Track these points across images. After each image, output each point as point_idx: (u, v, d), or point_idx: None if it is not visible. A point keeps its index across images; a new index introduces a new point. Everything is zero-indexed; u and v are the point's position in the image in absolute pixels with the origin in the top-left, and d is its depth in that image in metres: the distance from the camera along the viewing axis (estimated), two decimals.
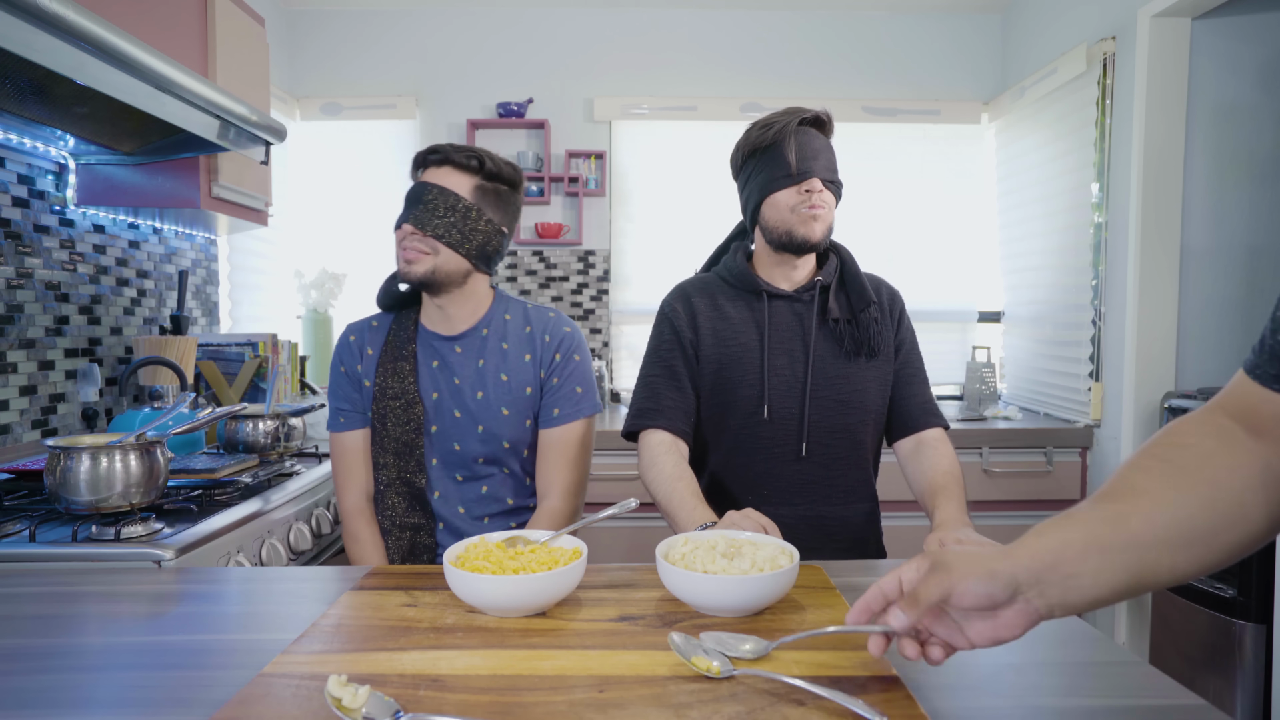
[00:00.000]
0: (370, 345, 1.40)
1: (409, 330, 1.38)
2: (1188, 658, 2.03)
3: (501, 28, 3.21)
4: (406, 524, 1.35)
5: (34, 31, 1.10)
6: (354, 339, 1.41)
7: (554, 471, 1.37)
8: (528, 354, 1.38)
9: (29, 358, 1.78)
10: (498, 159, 1.34)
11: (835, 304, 1.32)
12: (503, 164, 1.34)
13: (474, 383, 1.36)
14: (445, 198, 1.28)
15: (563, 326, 1.41)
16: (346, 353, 1.41)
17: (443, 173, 1.31)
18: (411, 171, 1.36)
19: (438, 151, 1.31)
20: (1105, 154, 2.50)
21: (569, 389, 1.38)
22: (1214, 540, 0.64)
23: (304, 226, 3.24)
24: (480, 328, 1.38)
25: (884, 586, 0.67)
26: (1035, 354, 2.96)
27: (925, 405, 1.35)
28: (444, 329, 1.38)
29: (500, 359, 1.37)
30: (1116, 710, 0.69)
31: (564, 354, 1.39)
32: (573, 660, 0.75)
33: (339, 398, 1.41)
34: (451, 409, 1.35)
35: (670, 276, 3.13)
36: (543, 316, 1.41)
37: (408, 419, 1.34)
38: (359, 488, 1.39)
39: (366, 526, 1.38)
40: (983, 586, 0.61)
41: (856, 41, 3.25)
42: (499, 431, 1.35)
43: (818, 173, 1.24)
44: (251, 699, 0.67)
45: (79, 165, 1.89)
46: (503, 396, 1.35)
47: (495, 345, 1.38)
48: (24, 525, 1.27)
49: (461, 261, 1.31)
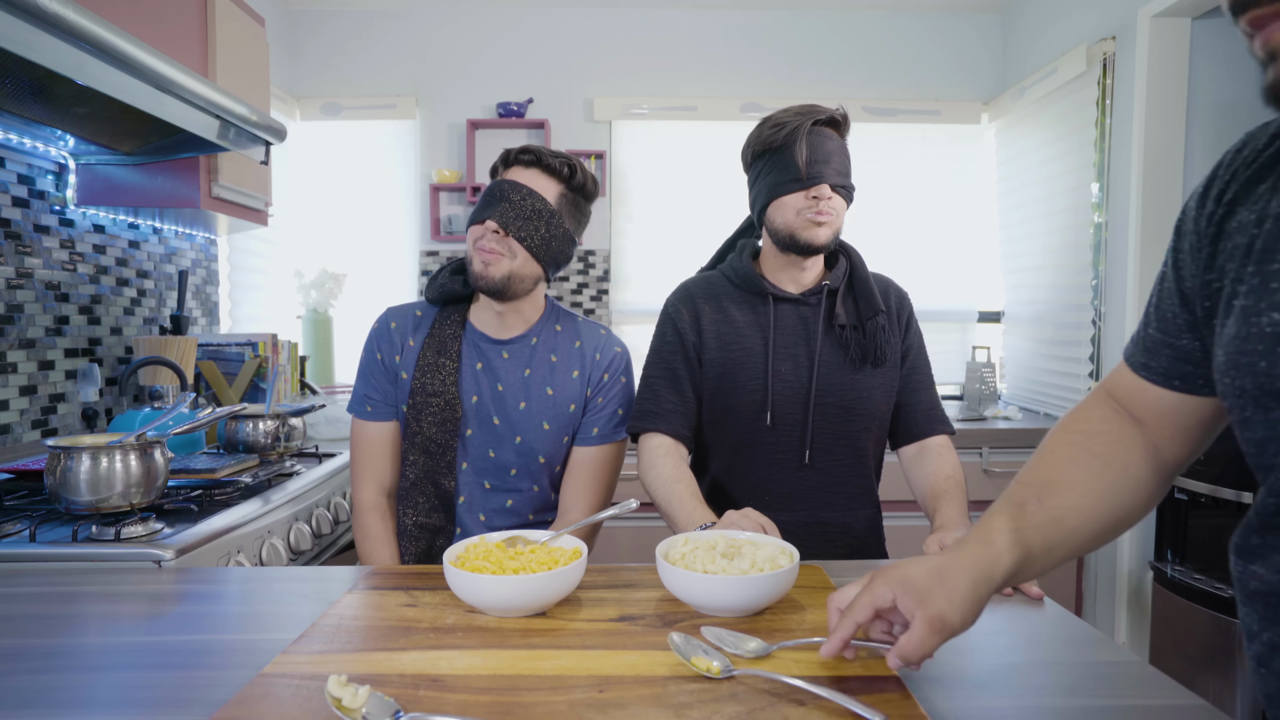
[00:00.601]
0: (413, 337, 1.34)
1: (455, 327, 1.33)
2: (1188, 658, 2.03)
3: (502, 28, 3.21)
4: (427, 525, 1.31)
5: (34, 31, 1.10)
6: (395, 325, 1.35)
7: (581, 489, 1.35)
8: (576, 370, 1.35)
9: (29, 358, 1.78)
10: (585, 169, 1.31)
11: (843, 309, 1.29)
12: (589, 175, 1.32)
13: (518, 392, 1.32)
14: (533, 200, 1.24)
15: (614, 346, 1.38)
16: (385, 340, 1.35)
17: (531, 174, 1.27)
18: (494, 168, 1.32)
19: (530, 152, 1.27)
20: (1105, 154, 2.50)
21: (611, 410, 1.36)
22: (1126, 521, 0.73)
23: (304, 226, 3.24)
24: (530, 336, 1.34)
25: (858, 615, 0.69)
26: (1035, 354, 2.96)
27: (930, 412, 1.33)
28: (495, 332, 1.34)
29: (548, 371, 1.34)
30: (1116, 710, 0.69)
31: (612, 374, 1.36)
32: (573, 660, 0.75)
33: (370, 385, 1.35)
34: (490, 415, 1.31)
35: (670, 276, 3.13)
36: (594, 333, 1.38)
37: (444, 419, 1.29)
38: (377, 481, 1.35)
39: (380, 522, 1.33)
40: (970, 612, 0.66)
41: (856, 41, 3.25)
42: (536, 445, 1.32)
43: (828, 178, 1.21)
44: (251, 699, 0.67)
45: (79, 165, 1.89)
46: (545, 410, 1.32)
47: (544, 356, 1.34)
48: (24, 525, 1.27)
49: (536, 268, 1.27)
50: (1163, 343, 0.69)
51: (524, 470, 1.33)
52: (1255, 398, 0.54)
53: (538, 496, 1.36)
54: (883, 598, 0.68)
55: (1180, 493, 2.08)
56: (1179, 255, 0.66)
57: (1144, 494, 0.73)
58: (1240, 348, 0.55)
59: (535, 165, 1.27)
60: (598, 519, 1.11)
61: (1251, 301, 0.54)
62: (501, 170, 1.30)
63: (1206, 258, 0.61)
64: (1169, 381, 0.69)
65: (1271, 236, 0.54)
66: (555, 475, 1.37)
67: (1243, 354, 0.55)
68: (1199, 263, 0.62)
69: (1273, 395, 0.53)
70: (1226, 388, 0.57)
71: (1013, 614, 0.92)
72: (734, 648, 0.76)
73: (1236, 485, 1.89)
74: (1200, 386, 0.67)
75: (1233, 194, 0.60)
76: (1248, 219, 0.57)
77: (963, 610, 0.65)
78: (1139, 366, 0.71)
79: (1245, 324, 0.55)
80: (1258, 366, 0.53)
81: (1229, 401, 0.57)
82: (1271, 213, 0.55)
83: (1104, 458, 0.73)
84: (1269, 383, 0.53)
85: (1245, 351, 0.54)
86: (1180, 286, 0.66)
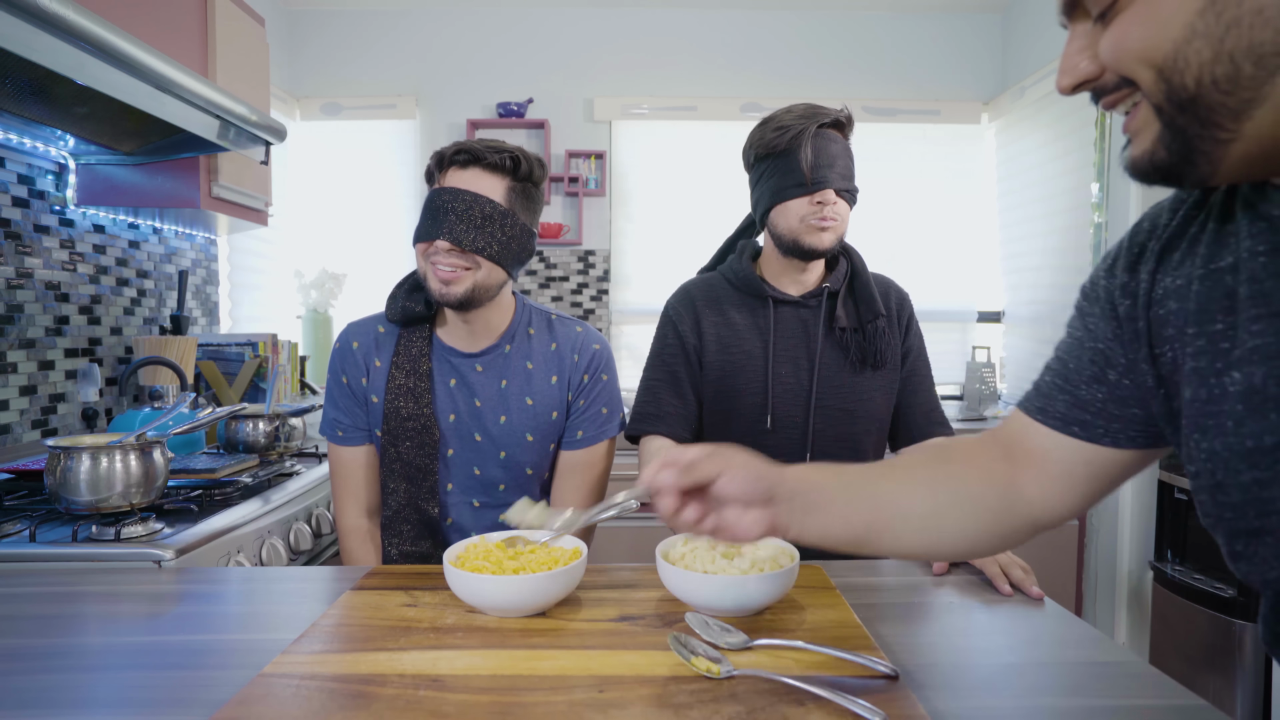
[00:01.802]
0: (378, 356, 1.26)
1: (422, 344, 1.24)
2: (1188, 658, 2.03)
3: (502, 28, 3.21)
4: (414, 554, 1.25)
5: (34, 31, 1.10)
6: (358, 345, 1.27)
7: (572, 493, 1.30)
8: (554, 375, 1.28)
9: (29, 358, 1.78)
10: (529, 156, 1.19)
11: (843, 312, 1.28)
12: (534, 161, 1.20)
13: (496, 406, 1.25)
14: (480, 205, 1.13)
15: (591, 344, 1.30)
16: (349, 361, 1.27)
17: (472, 175, 1.15)
18: (429, 173, 1.20)
19: (465, 151, 1.15)
20: (1105, 154, 2.50)
21: (595, 410, 1.30)
22: (938, 525, 0.74)
23: (304, 226, 3.24)
24: (503, 344, 1.27)
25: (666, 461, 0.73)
26: (1035, 354, 2.97)
27: (930, 414, 1.33)
28: (464, 345, 1.26)
29: (524, 380, 1.27)
30: (1116, 710, 0.69)
31: (592, 374, 1.29)
32: (573, 660, 0.75)
33: (339, 409, 1.28)
34: (471, 432, 1.25)
35: (670, 276, 3.13)
36: (569, 332, 1.30)
37: (422, 442, 1.22)
38: (358, 505, 1.30)
39: (361, 545, 1.28)
40: (748, 482, 0.71)
41: (856, 42, 3.25)
42: (522, 458, 1.27)
43: (832, 182, 1.19)
44: (251, 699, 0.67)
45: (79, 165, 1.89)
46: (527, 422, 1.26)
47: (519, 365, 1.27)
48: (24, 525, 1.27)
49: (501, 273, 1.19)
50: (1062, 389, 0.70)
51: (512, 484, 1.28)
52: (1225, 460, 0.53)
53: None
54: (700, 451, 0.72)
55: (1180, 493, 2.08)
56: (1087, 319, 0.68)
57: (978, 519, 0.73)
58: (1204, 410, 0.55)
59: (475, 164, 1.16)
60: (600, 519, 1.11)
61: (1205, 363, 0.55)
62: (438, 176, 1.18)
63: (1143, 329, 0.62)
64: (1067, 427, 0.69)
65: (1202, 298, 0.56)
66: (546, 482, 1.34)
67: (1208, 415, 0.55)
68: (1138, 331, 0.63)
69: (1241, 456, 0.52)
70: (1192, 450, 0.56)
71: (1013, 614, 0.92)
72: (717, 638, 0.77)
73: None
74: (1099, 435, 0.67)
75: (1151, 265, 0.61)
76: (1174, 285, 0.59)
77: (745, 462, 0.72)
78: (1034, 411, 0.72)
79: (1204, 385, 0.55)
80: (1224, 426, 0.53)
81: (1195, 466, 0.56)
82: (1195, 276, 0.57)
83: (945, 460, 0.77)
84: (1237, 443, 0.52)
85: (1210, 413, 0.55)
86: (1095, 346, 0.67)
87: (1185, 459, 0.58)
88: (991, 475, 0.74)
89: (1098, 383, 0.67)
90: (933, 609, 0.93)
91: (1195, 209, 0.60)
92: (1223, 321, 0.54)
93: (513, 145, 1.19)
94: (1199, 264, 0.57)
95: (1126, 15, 0.49)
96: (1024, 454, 0.73)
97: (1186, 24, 0.46)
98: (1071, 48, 0.54)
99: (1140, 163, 0.53)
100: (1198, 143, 0.49)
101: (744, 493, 0.71)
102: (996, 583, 0.98)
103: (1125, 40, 0.49)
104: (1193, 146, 0.49)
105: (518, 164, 1.17)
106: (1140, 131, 0.52)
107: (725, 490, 0.71)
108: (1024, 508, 0.73)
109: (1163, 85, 0.48)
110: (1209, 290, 0.55)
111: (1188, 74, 0.46)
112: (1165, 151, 0.50)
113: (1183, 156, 0.50)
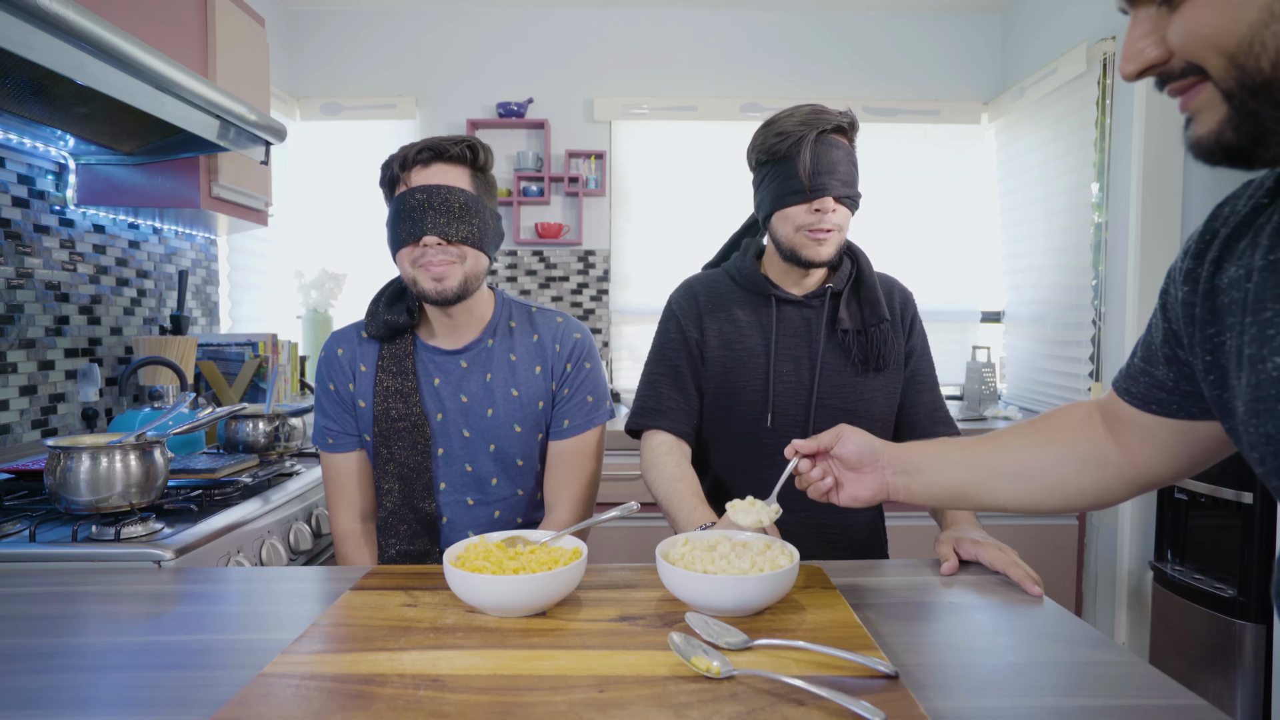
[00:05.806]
0: (363, 361, 1.29)
1: (405, 345, 1.27)
2: (1188, 658, 2.03)
3: (501, 27, 3.21)
4: (411, 553, 1.26)
5: (34, 31, 1.10)
6: (342, 352, 1.30)
7: (563, 484, 1.31)
8: (538, 365, 1.30)
9: (29, 358, 1.78)
10: (482, 143, 1.24)
11: (846, 313, 1.28)
12: (483, 147, 1.24)
13: (483, 399, 1.27)
14: (455, 196, 1.17)
15: (572, 333, 1.33)
16: (335, 369, 1.30)
17: (438, 171, 1.19)
18: (391, 177, 1.21)
19: (428, 148, 1.18)
20: (1105, 154, 2.50)
21: (580, 399, 1.32)
22: (1030, 478, 0.85)
23: (304, 226, 3.24)
24: (485, 338, 1.30)
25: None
26: (1035, 354, 2.97)
27: (934, 414, 1.33)
28: (447, 342, 1.29)
29: (509, 372, 1.29)
30: (1116, 710, 0.69)
31: (575, 363, 1.32)
32: (573, 660, 0.75)
33: (328, 417, 1.31)
34: (460, 428, 1.27)
35: (670, 276, 3.13)
36: (550, 323, 1.33)
37: (414, 442, 1.25)
38: (352, 510, 1.32)
39: (357, 549, 1.30)
40: (860, 445, 0.92)
41: (856, 41, 3.25)
42: (512, 450, 1.29)
43: (832, 190, 1.18)
44: (251, 699, 0.67)
45: (79, 165, 1.89)
46: (514, 413, 1.28)
47: (502, 357, 1.30)
48: (24, 525, 1.27)
49: (485, 260, 1.22)
50: (1143, 370, 0.76)
51: (505, 478, 1.30)
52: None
53: (523, 500, 1.33)
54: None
55: (1180, 493, 2.08)
56: (1167, 298, 0.72)
57: (1073, 478, 0.83)
58: (1255, 394, 0.57)
59: (438, 160, 1.19)
60: (600, 520, 1.11)
61: (1255, 349, 0.57)
62: (402, 180, 1.20)
63: (1207, 313, 0.64)
64: (1146, 405, 0.76)
65: (1259, 288, 0.57)
66: (538, 474, 1.34)
67: (1259, 400, 0.57)
68: (1195, 316, 0.66)
69: None
70: (1252, 436, 0.58)
71: (1013, 614, 0.92)
72: (717, 638, 0.76)
73: (1236, 485, 1.89)
74: (1175, 410, 0.73)
75: (1216, 253, 0.63)
76: (1237, 275, 0.61)
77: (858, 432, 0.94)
78: (1121, 391, 0.79)
79: (1255, 372, 0.57)
80: (1275, 410, 0.56)
81: (1258, 453, 0.59)
82: (1256, 266, 0.58)
83: (1039, 428, 0.87)
84: None
85: (1261, 398, 0.57)
86: (1168, 325, 0.71)
87: (1248, 446, 0.60)
88: (1093, 436, 0.82)
89: (1170, 363, 0.71)
90: (933, 609, 0.93)
91: (1268, 197, 0.60)
92: (1272, 309, 0.56)
93: (462, 135, 1.23)
94: (1261, 254, 0.58)
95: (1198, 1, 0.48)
96: (1118, 423, 0.80)
97: (1265, 6, 0.45)
98: (1135, 33, 0.53)
99: (1206, 142, 0.52)
100: (1272, 124, 0.48)
101: (855, 454, 0.91)
102: (1025, 585, 0.98)
103: (1197, 26, 0.48)
104: (1266, 129, 0.49)
105: (475, 152, 1.22)
106: (1202, 111, 0.51)
107: (841, 452, 0.91)
108: (1126, 468, 0.80)
109: (1234, 71, 0.47)
110: (1265, 279, 0.57)
111: (1264, 58, 0.46)
112: (1234, 133, 0.50)
113: (1255, 139, 0.50)
